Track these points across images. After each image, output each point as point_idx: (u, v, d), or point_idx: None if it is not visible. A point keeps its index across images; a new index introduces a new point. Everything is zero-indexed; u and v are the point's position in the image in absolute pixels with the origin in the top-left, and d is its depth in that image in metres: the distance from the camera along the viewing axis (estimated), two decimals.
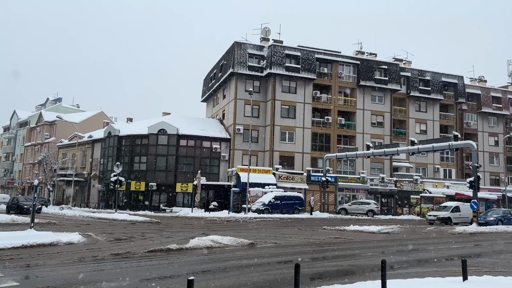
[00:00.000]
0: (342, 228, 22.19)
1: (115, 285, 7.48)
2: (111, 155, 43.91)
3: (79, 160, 52.74)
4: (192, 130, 43.06)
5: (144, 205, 40.71)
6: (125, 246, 12.87)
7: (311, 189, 41.43)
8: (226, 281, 8.00)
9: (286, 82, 43.83)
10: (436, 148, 32.23)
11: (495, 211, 30.76)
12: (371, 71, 46.84)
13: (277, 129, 42.64)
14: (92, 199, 48.65)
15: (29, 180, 63.93)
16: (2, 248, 11.41)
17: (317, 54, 45.12)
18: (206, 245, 13.02)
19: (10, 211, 31.75)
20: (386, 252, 13.51)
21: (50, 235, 13.70)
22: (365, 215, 36.93)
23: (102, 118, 65.16)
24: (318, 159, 43.73)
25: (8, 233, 13.92)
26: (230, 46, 45.27)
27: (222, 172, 42.79)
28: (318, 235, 18.41)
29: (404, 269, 10.02)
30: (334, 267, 10.20)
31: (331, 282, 7.65)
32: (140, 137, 42.65)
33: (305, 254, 12.38)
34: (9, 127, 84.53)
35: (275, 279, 8.28)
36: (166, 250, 11.88)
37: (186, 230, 19.73)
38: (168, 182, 41.07)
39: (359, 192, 43.38)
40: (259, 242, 14.62)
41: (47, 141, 63.17)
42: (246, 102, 42.52)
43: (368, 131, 46.19)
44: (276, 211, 33.88)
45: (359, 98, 46.46)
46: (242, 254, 11.98)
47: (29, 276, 8.17)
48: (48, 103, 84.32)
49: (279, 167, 41.20)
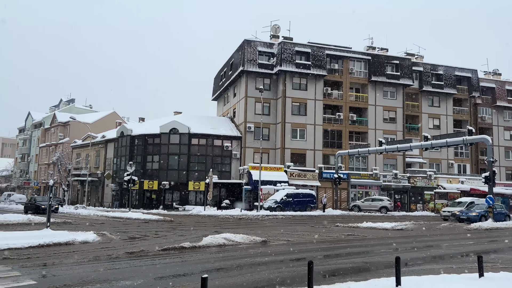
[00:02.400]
0: (355, 225, 22.07)
1: (130, 283, 7.57)
2: (124, 155, 44.36)
3: (93, 160, 53.38)
4: (203, 128, 43.24)
5: (157, 204, 41.05)
6: (139, 245, 13.00)
7: (323, 186, 41.27)
8: (239, 279, 8.03)
9: (297, 79, 43.68)
10: (450, 143, 31.80)
11: (479, 205, 28.24)
12: (383, 66, 46.39)
13: (288, 127, 42.54)
14: (106, 198, 49.24)
15: (45, 180, 64.95)
16: (19, 248, 11.63)
17: (327, 50, 44.85)
18: (219, 243, 13.08)
19: (28, 211, 32.29)
20: (400, 249, 13.39)
21: (66, 234, 13.90)
22: (378, 212, 36.67)
23: (114, 118, 65.84)
24: (330, 156, 43.53)
25: (25, 233, 14.19)
26: (240, 44, 45.27)
27: (233, 170, 42.89)
28: (331, 232, 18.34)
29: (419, 266, 9.93)
30: (348, 264, 10.16)
31: (344, 279, 7.62)
32: (152, 137, 42.99)
33: (318, 252, 12.35)
34: (24, 128, 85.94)
35: (288, 277, 8.28)
36: (179, 248, 11.96)
37: (199, 228, 19.84)
38: (181, 180, 41.33)
39: (372, 189, 43.07)
40: (272, 240, 14.63)
41: (61, 142, 64.08)
42: (257, 100, 42.51)
43: (380, 127, 45.78)
44: (288, 208, 33.84)
45: (370, 93, 46.06)
46: (255, 251, 12.00)
47: (46, 275, 8.31)
48: (61, 104, 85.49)
49: (291, 165, 41.12)
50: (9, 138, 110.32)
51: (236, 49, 47.00)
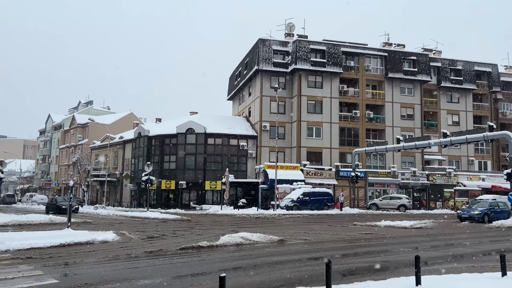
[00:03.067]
0: (373, 223, 21.84)
1: (149, 282, 7.66)
2: (142, 155, 44.92)
3: (111, 160, 54.21)
4: (219, 128, 43.44)
5: (174, 203, 41.44)
6: (157, 244, 13.14)
7: (340, 184, 40.99)
8: (257, 278, 8.03)
9: (312, 77, 43.45)
10: (470, 140, 31.16)
11: (481, 203, 26.45)
12: (400, 63, 45.75)
13: (303, 125, 42.36)
14: (124, 198, 49.95)
15: (65, 181, 66.27)
16: (42, 247, 11.89)
17: (343, 47, 44.48)
18: (236, 242, 13.11)
19: (49, 211, 33.00)
20: (419, 248, 13.19)
21: (86, 234, 14.15)
22: (397, 210, 36.21)
23: (132, 119, 66.71)
24: (347, 154, 43.18)
25: (47, 233, 14.50)
26: (254, 43, 45.29)
27: (249, 169, 42.97)
28: (348, 231, 18.20)
29: (439, 265, 9.77)
30: (366, 263, 10.06)
31: (363, 279, 7.55)
32: (169, 137, 43.40)
33: (336, 251, 12.26)
34: (45, 130, 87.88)
35: (306, 276, 8.25)
36: (197, 247, 12.04)
37: (216, 227, 19.95)
38: (197, 180, 41.62)
39: (390, 187, 42.57)
40: (289, 239, 14.60)
41: (80, 143, 65.27)
42: (272, 98, 42.46)
43: (398, 124, 45.17)
44: (305, 207, 33.71)
45: (387, 90, 45.50)
46: (272, 250, 11.99)
47: (67, 274, 8.48)
48: (80, 106, 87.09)
49: (307, 163, 40.95)
50: (31, 140, 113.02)
51: (250, 49, 47.04)
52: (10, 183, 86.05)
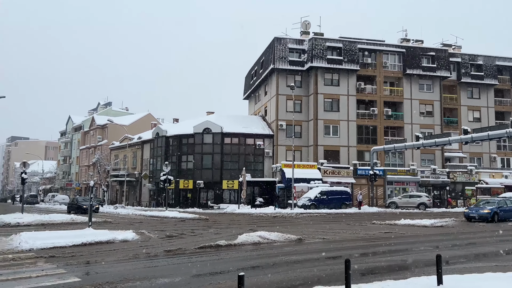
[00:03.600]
0: (393, 222, 21.55)
1: (168, 281, 7.74)
2: (160, 155, 45.41)
3: (130, 160, 54.98)
4: (235, 128, 43.55)
5: (192, 203, 41.76)
6: (176, 243, 13.26)
7: (358, 183, 40.60)
8: (275, 277, 8.03)
9: (329, 75, 43.14)
10: (491, 136, 30.41)
11: (489, 201, 24.85)
12: (418, 59, 45.00)
13: (320, 123, 42.10)
14: (143, 197, 50.61)
15: (85, 181, 67.54)
16: (64, 246, 12.14)
17: (359, 44, 44.01)
18: (254, 241, 13.13)
19: (71, 211, 33.68)
20: (440, 247, 12.97)
21: (106, 233, 14.38)
22: (417, 209, 35.65)
23: (149, 120, 67.50)
24: (365, 152, 42.72)
25: (69, 232, 14.81)
26: (270, 42, 45.23)
27: (266, 168, 42.96)
28: (367, 230, 18.01)
29: (461, 264, 9.58)
30: (386, 262, 9.94)
31: (383, 278, 7.46)
32: (186, 137, 43.76)
33: (355, 249, 12.16)
34: (65, 131, 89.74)
35: (325, 275, 8.20)
36: (215, 246, 12.10)
37: (233, 226, 20.02)
38: (215, 179, 41.84)
39: (409, 185, 41.94)
40: (307, 238, 14.53)
41: (100, 144, 66.39)
42: (288, 97, 42.33)
43: (417, 121, 44.45)
44: (322, 206, 33.52)
45: (406, 87, 44.83)
46: (290, 249, 11.97)
47: (89, 272, 8.64)
48: (99, 107, 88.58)
49: (324, 162, 40.70)
50: (52, 142, 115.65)
51: (266, 48, 47.00)
52: (33, 183, 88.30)
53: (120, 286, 7.18)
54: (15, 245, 12.09)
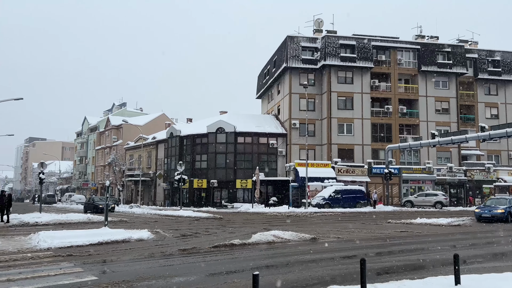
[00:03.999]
0: (408, 221, 21.30)
1: (183, 279, 7.79)
2: (174, 155, 45.76)
3: (145, 160, 55.53)
4: (248, 127, 43.59)
5: (206, 202, 41.97)
6: (191, 242, 13.34)
7: (373, 181, 40.24)
8: (290, 276, 8.01)
9: (342, 73, 42.82)
10: (510, 134, 29.78)
11: (500, 201, 23.06)
12: (433, 55, 44.34)
13: (334, 122, 41.84)
14: (158, 197, 51.07)
15: (101, 181, 68.50)
16: (81, 245, 12.33)
17: (373, 41, 43.58)
18: (268, 240, 13.12)
19: (87, 210, 34.19)
20: (457, 246, 12.76)
21: (122, 232, 14.55)
22: (433, 207, 35.17)
23: (163, 120, 68.05)
24: (380, 151, 42.31)
25: (86, 231, 15.03)
26: (282, 41, 45.12)
27: (280, 167, 42.89)
28: (382, 229, 17.83)
29: (479, 264, 9.41)
30: (402, 261, 9.82)
31: (399, 277, 7.37)
32: (200, 136, 43.99)
33: (370, 249, 12.05)
34: (81, 132, 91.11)
35: (340, 274, 8.15)
36: (230, 245, 12.14)
37: (247, 225, 20.05)
38: (228, 178, 41.96)
39: (425, 183, 41.40)
40: (321, 237, 14.46)
41: (115, 144, 67.21)
42: (301, 96, 42.17)
43: (433, 119, 43.82)
44: (337, 205, 33.33)
45: (421, 84, 44.22)
46: (304, 249, 11.92)
47: (106, 271, 8.76)
48: (114, 108, 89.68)
49: (338, 160, 40.44)
50: (68, 142, 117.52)
51: (278, 47, 46.89)
52: (50, 183, 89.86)
53: (136, 285, 7.25)
54: (34, 244, 12.34)
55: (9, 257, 10.20)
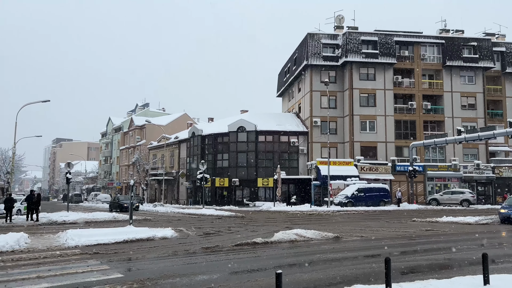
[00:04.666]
0: (434, 219, 20.85)
1: (207, 277, 7.86)
2: (196, 154, 46.21)
3: (168, 160, 56.28)
4: (269, 125, 43.56)
5: (228, 200, 42.21)
6: (213, 240, 13.45)
7: (397, 179, 39.55)
8: (313, 275, 7.97)
9: (364, 69, 42.24)
10: None
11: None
12: (459, 50, 43.18)
13: (356, 119, 41.32)
14: (181, 196, 51.68)
15: (126, 180, 69.80)
16: (107, 243, 12.62)
17: (396, 37, 42.78)
18: (290, 239, 13.09)
19: (112, 209, 34.93)
20: (486, 245, 12.41)
21: (146, 231, 14.80)
22: (459, 205, 34.30)
23: (185, 120, 68.77)
24: (403, 148, 41.53)
25: (111, 229, 15.35)
26: (303, 39, 44.85)
27: (301, 166, 42.70)
28: (407, 228, 17.52)
29: (509, 263, 9.12)
30: (427, 261, 9.63)
31: (425, 277, 7.22)
32: (221, 136, 44.26)
33: (395, 248, 11.85)
34: (106, 133, 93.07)
35: (364, 273, 8.05)
36: (252, 244, 12.17)
37: (269, 224, 20.05)
38: (250, 177, 42.06)
39: (451, 181, 40.43)
40: (344, 236, 14.33)
41: (139, 144, 68.36)
42: (322, 93, 41.82)
43: (458, 115, 42.70)
44: (360, 203, 32.94)
45: (446, 79, 43.14)
46: (327, 247, 11.84)
47: (131, 268, 8.93)
48: (137, 108, 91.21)
49: (361, 158, 39.94)
50: (94, 142, 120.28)
51: (299, 44, 46.64)
52: (76, 183, 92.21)
53: (160, 282, 7.36)
54: (62, 242, 12.70)
55: (39, 255, 10.53)
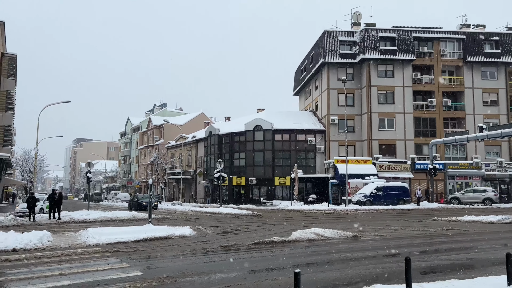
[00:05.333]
0: (455, 218, 20.42)
1: (225, 276, 7.90)
2: (213, 153, 46.48)
3: (185, 159, 56.77)
4: (286, 124, 43.46)
5: (245, 199, 42.30)
6: (231, 239, 13.50)
7: (417, 178, 38.93)
8: (331, 274, 7.91)
9: (382, 66, 41.69)
10: None
11: None
12: (480, 45, 42.18)
13: (374, 117, 40.83)
14: (199, 194, 52.08)
15: (144, 179, 70.72)
16: (126, 241, 12.81)
17: (414, 33, 42.08)
18: (308, 238, 13.03)
19: (131, 208, 35.42)
20: (509, 245, 12.09)
21: (165, 229, 14.96)
22: (481, 204, 33.53)
23: (203, 119, 69.24)
24: (423, 146, 40.85)
25: (131, 228, 15.59)
26: (319, 36, 44.55)
27: (318, 164, 42.46)
28: (427, 227, 17.22)
29: None
30: (448, 260, 9.44)
31: (446, 277, 7.09)
32: (238, 134, 44.39)
33: (414, 247, 11.67)
34: (125, 132, 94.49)
35: (383, 273, 7.95)
36: (269, 243, 12.17)
37: (287, 222, 20.01)
38: (266, 176, 42.06)
39: (473, 179, 39.57)
40: (363, 235, 14.18)
41: (157, 143, 69.19)
42: (340, 91, 41.47)
43: (480, 111, 41.75)
44: (378, 202, 32.56)
45: (466, 75, 42.22)
46: (345, 246, 11.74)
47: (150, 266, 9.04)
48: (155, 108, 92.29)
49: (379, 156, 39.46)
50: (113, 142, 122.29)
51: (315, 42, 46.35)
52: (96, 182, 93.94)
53: (179, 281, 7.43)
54: (83, 240, 12.95)
55: (61, 252, 10.77)
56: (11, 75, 33.65)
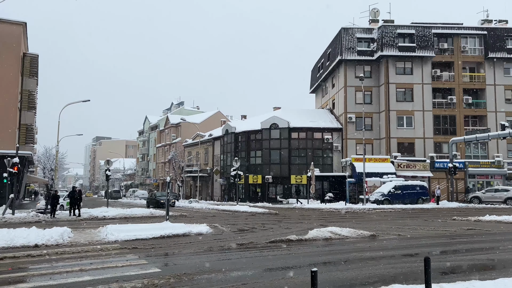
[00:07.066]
0: (476, 218, 19.99)
1: (241, 274, 7.92)
2: (230, 151, 46.65)
3: (202, 157, 57.13)
4: (302, 122, 43.27)
5: (261, 197, 42.34)
6: (248, 237, 13.52)
7: (436, 177, 38.26)
8: (349, 273, 7.85)
9: (400, 63, 41.08)
10: None
11: None
12: (502, 41, 41.12)
13: (392, 114, 40.28)
14: (215, 192, 52.35)
15: (162, 177, 71.51)
16: (144, 238, 12.97)
17: (434, 29, 41.29)
18: (325, 237, 12.95)
19: (149, 205, 35.88)
20: None
21: (182, 227, 15.08)
22: (503, 204, 32.71)
23: (219, 117, 69.55)
24: (443, 144, 40.12)
25: (149, 225, 15.78)
26: (337, 33, 44.16)
27: (335, 163, 42.16)
28: (447, 226, 16.90)
29: None
30: (469, 261, 9.26)
31: (467, 278, 6.95)
32: (254, 133, 44.43)
33: (434, 247, 11.47)
34: (143, 131, 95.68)
35: (402, 273, 7.85)
36: (286, 241, 12.14)
37: (303, 221, 19.94)
38: (283, 174, 41.99)
39: (495, 178, 38.63)
40: (381, 234, 14.02)
41: (174, 142, 69.84)
42: (357, 88, 41.04)
43: (502, 109, 40.73)
44: (397, 201, 32.11)
45: (488, 72, 41.23)
46: (363, 246, 11.63)
47: (168, 263, 9.14)
48: (172, 107, 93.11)
49: (398, 155, 38.92)
50: (131, 141, 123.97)
51: (332, 39, 45.98)
52: (115, 180, 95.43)
53: (196, 278, 7.49)
54: (103, 237, 13.18)
55: (81, 249, 10.98)
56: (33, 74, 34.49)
